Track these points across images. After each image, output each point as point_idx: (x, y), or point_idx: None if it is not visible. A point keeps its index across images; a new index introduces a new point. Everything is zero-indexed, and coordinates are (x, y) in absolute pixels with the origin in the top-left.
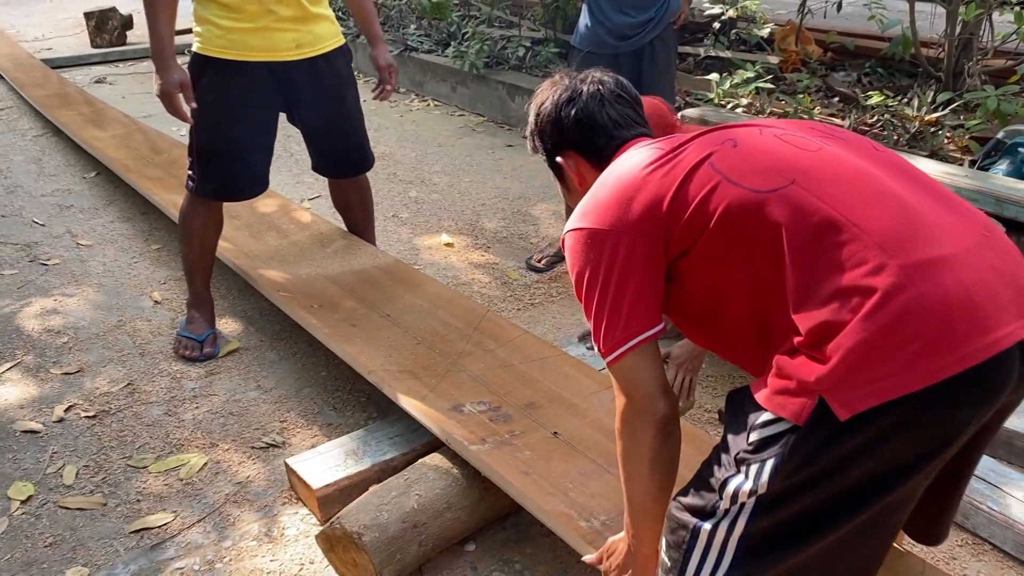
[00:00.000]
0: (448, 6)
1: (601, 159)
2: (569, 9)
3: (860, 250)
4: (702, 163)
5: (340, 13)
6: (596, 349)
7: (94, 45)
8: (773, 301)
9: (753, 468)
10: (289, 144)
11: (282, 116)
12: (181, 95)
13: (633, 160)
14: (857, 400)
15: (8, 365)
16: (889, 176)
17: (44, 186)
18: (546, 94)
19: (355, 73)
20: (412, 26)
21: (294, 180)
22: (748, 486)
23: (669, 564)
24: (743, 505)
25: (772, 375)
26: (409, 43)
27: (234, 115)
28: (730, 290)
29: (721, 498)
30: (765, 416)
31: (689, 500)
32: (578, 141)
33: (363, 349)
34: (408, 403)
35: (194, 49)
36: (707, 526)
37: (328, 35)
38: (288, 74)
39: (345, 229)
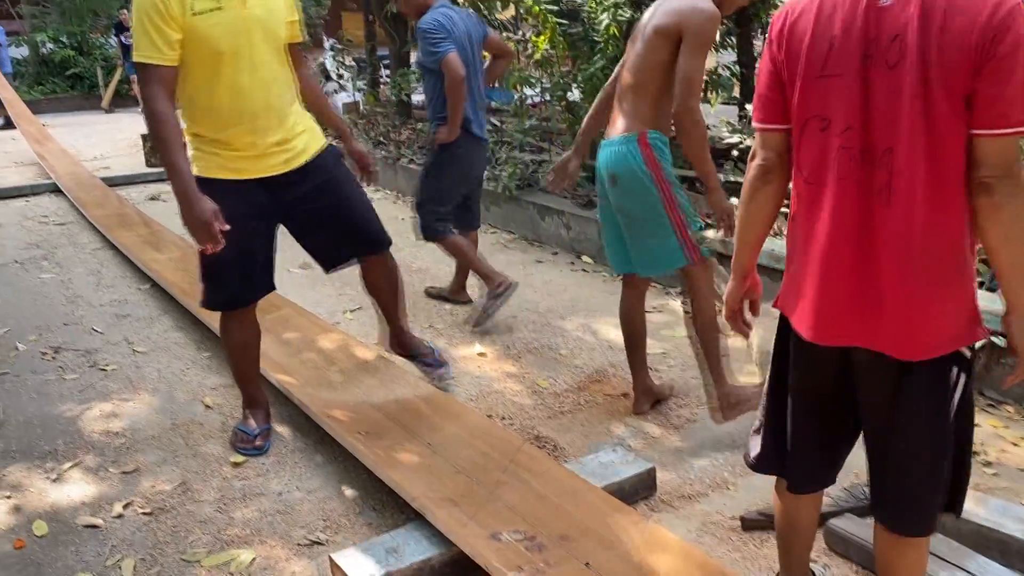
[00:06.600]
0: None
1: None
2: (597, 137)
3: None
4: None
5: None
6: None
7: (149, 164)
8: None
9: None
10: None
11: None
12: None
13: None
14: None
15: (70, 464)
16: None
17: (103, 296)
18: None
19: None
20: None
21: (336, 293)
22: None
23: None
24: None
25: None
26: None
27: (235, 228)
28: None
29: None
30: None
31: None
32: None
33: (407, 476)
34: (450, 532)
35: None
36: None
37: (312, 143)
38: (281, 184)
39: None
